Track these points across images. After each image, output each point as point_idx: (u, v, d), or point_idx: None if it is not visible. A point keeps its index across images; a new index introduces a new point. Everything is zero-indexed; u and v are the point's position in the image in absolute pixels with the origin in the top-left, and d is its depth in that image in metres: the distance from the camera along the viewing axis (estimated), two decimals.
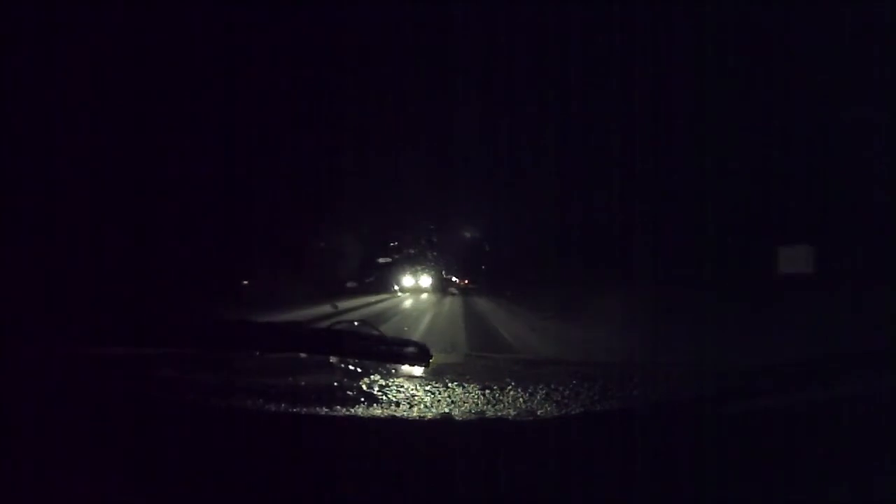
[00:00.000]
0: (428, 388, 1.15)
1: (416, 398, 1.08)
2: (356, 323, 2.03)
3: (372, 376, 1.29)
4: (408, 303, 18.54)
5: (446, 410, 1.02)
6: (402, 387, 1.17)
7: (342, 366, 1.40)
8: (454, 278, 28.14)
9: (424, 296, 22.45)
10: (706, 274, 9.06)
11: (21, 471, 0.94)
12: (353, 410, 1.00)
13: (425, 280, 25.44)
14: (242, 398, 1.03)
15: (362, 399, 1.06)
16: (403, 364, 1.29)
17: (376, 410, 1.01)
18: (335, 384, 1.19)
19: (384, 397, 1.08)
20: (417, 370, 1.33)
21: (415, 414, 1.00)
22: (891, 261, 6.31)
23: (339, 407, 1.01)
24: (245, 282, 14.50)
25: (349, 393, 1.10)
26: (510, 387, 1.14)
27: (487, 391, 1.13)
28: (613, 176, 14.02)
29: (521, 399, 1.09)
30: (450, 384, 1.18)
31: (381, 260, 24.65)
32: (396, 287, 23.50)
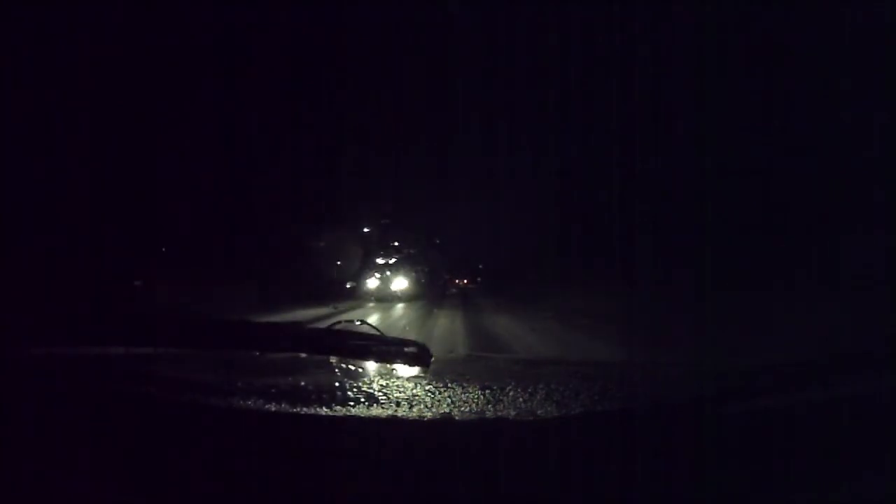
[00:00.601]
0: (428, 388, 1.15)
1: (416, 398, 1.08)
2: (356, 323, 2.02)
3: (372, 376, 1.29)
4: (404, 304, 18.50)
5: (446, 410, 1.01)
6: (402, 387, 1.16)
7: (342, 366, 1.40)
8: (454, 279, 28.09)
9: (423, 297, 22.32)
10: (706, 273, 9.05)
11: (21, 471, 0.94)
12: (353, 410, 1.00)
13: (424, 281, 25.25)
14: (242, 398, 1.03)
15: (362, 399, 1.06)
16: (403, 364, 1.29)
17: (376, 410, 1.01)
18: (335, 384, 1.19)
19: (384, 397, 1.08)
20: (417, 370, 1.33)
21: (415, 414, 1.00)
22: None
23: (339, 407, 1.01)
24: (137, 282, 13.19)
25: (349, 393, 1.10)
26: (510, 387, 1.14)
27: (487, 391, 1.12)
28: (614, 175, 14.03)
29: (521, 399, 1.08)
30: (450, 384, 1.18)
31: (380, 260, 24.51)
32: (396, 289, 23.26)
